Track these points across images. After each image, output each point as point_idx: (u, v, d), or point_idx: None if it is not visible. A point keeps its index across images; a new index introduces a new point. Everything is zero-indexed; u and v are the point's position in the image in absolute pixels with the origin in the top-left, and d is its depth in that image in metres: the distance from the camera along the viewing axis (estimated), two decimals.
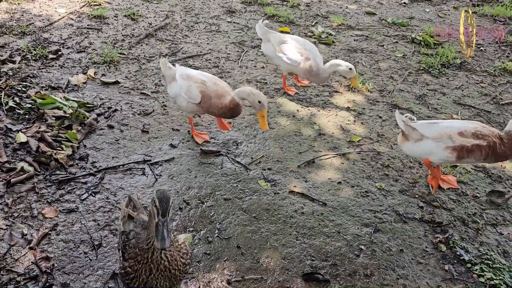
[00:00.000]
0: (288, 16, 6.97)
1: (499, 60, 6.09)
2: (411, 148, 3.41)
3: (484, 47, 6.48)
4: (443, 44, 6.44)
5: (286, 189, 3.45)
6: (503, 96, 5.16)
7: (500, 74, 5.68)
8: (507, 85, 5.44)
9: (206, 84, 3.64)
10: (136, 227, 2.31)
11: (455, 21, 7.49)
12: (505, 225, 3.29)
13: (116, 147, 3.77)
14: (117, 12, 6.67)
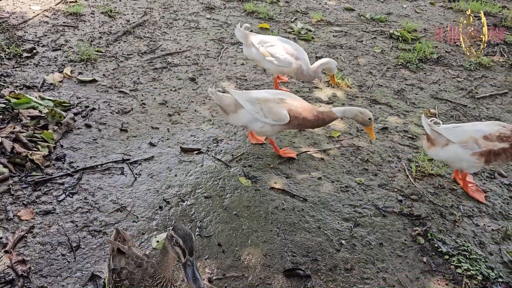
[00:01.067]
0: (268, 12, 6.96)
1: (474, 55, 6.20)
2: (438, 153, 3.38)
3: (459, 42, 6.59)
4: (420, 39, 6.53)
5: (267, 186, 3.45)
6: (479, 90, 5.26)
7: (476, 69, 5.79)
8: (482, 79, 5.55)
9: (286, 101, 3.47)
10: (129, 264, 2.14)
11: (432, 17, 7.60)
12: (481, 216, 3.37)
13: (94, 147, 3.71)
14: (93, 9, 6.55)
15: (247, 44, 4.55)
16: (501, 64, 6.00)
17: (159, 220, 3.03)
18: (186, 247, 1.84)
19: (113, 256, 2.22)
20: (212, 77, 5.03)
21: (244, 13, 7.04)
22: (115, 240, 2.31)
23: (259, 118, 3.43)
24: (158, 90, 4.66)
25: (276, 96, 3.49)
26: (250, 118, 3.46)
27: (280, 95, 3.51)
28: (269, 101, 3.44)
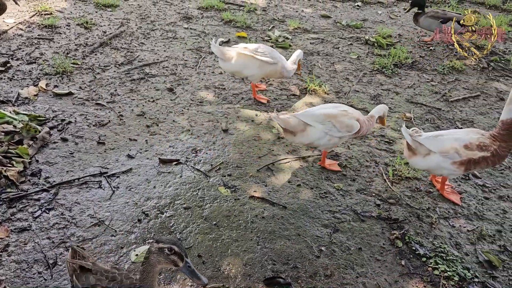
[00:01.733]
0: (245, 21, 7.01)
1: (448, 59, 6.36)
2: (419, 162, 3.42)
3: (433, 47, 6.75)
4: (395, 44, 6.66)
5: (247, 195, 3.46)
6: (452, 93, 5.39)
7: (449, 72, 5.93)
8: (455, 82, 5.69)
9: (349, 111, 3.62)
10: (100, 280, 2.10)
11: (406, 22, 7.77)
12: (457, 218, 3.44)
13: (71, 161, 3.66)
14: (69, 21, 6.50)
15: (225, 59, 4.54)
16: (473, 67, 6.16)
17: (138, 233, 3.01)
18: (182, 251, 1.93)
19: (77, 276, 2.16)
20: (190, 87, 5.03)
21: (222, 22, 7.08)
22: (73, 258, 2.26)
23: (333, 134, 3.54)
24: (135, 101, 4.64)
25: (339, 109, 3.63)
26: (321, 134, 3.55)
27: (340, 108, 3.67)
28: (338, 116, 3.56)
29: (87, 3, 7.33)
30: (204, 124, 4.34)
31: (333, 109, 3.63)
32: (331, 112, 3.58)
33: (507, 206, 3.61)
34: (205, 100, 4.79)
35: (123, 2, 7.56)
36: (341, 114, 3.58)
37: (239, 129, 4.31)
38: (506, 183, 3.89)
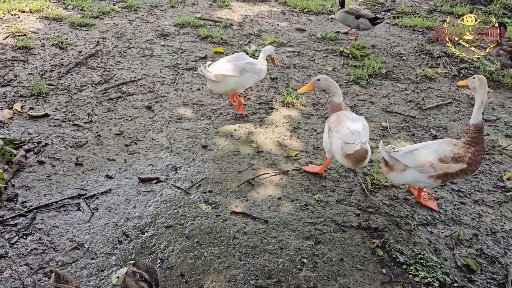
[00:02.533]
0: (221, 36, 7.08)
1: (420, 67, 6.54)
2: (397, 178, 3.47)
3: (405, 57, 6.93)
4: (369, 55, 6.82)
5: (228, 210, 3.47)
6: (426, 101, 5.54)
7: (422, 81, 6.10)
8: (428, 90, 5.84)
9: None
10: None
11: (379, 33, 7.96)
12: (435, 224, 3.51)
13: (48, 184, 3.61)
14: (44, 41, 6.45)
15: (219, 80, 4.50)
16: (444, 75, 6.35)
17: (119, 255, 2.98)
18: (152, 280, 1.88)
19: None
20: (168, 104, 5.04)
21: (198, 38, 7.13)
22: (56, 282, 2.24)
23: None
24: (113, 120, 4.62)
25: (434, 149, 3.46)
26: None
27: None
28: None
29: (62, 23, 7.29)
30: (183, 141, 4.34)
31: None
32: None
33: (482, 210, 3.71)
34: (184, 116, 4.80)
35: (99, 21, 7.55)
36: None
37: (218, 145, 4.33)
38: (480, 187, 4.00)
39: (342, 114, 3.71)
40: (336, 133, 3.57)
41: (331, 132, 3.62)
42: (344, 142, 3.48)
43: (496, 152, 4.56)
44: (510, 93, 5.94)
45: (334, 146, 3.59)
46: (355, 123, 3.60)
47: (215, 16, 8.36)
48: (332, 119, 3.73)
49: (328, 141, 3.69)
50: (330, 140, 3.64)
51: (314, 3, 9.30)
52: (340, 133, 3.55)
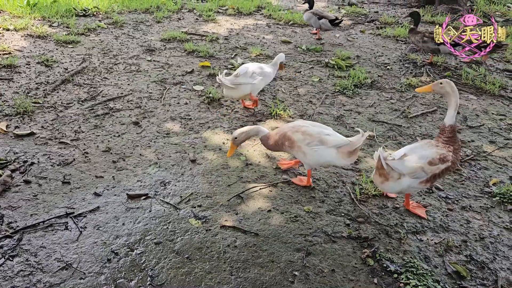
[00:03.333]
0: (208, 50, 7.12)
1: (404, 76, 6.64)
2: (394, 187, 3.47)
3: (390, 66, 7.04)
4: (354, 66, 6.91)
5: (218, 224, 3.46)
6: (411, 109, 5.61)
7: (406, 90, 6.19)
8: (413, 99, 5.93)
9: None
10: None
11: (363, 44, 8.09)
12: (424, 231, 3.54)
13: (35, 203, 3.56)
14: (29, 59, 6.41)
15: (236, 84, 4.98)
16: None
17: (108, 274, 2.94)
18: None
19: None
20: (156, 119, 5.03)
21: (185, 52, 7.16)
22: None
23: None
24: (100, 137, 4.59)
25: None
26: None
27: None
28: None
29: (47, 40, 7.27)
30: (171, 156, 4.33)
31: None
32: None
33: (470, 216, 3.75)
34: (172, 131, 4.79)
35: (85, 38, 7.54)
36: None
37: (207, 159, 4.33)
38: (467, 193, 4.05)
39: (298, 127, 3.75)
40: (322, 144, 3.64)
41: (311, 147, 3.66)
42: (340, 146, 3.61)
43: (481, 158, 4.63)
44: (492, 100, 6.05)
45: (327, 155, 3.67)
46: (317, 127, 3.77)
47: (201, 30, 8.42)
48: (296, 136, 3.70)
49: (316, 157, 3.70)
50: (317, 153, 3.67)
51: (298, 16, 9.43)
52: (328, 142, 3.64)
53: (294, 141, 3.70)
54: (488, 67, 7.22)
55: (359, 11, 10.36)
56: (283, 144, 3.76)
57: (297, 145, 3.69)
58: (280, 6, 10.57)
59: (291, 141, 3.71)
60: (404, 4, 11.46)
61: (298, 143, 3.69)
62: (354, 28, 9.11)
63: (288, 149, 3.79)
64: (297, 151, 3.72)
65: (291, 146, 3.73)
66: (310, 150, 3.68)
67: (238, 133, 3.78)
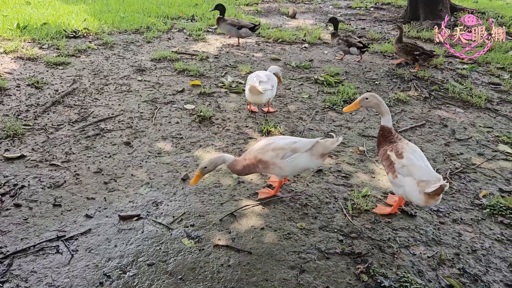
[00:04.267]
0: (198, 69, 7.18)
1: (392, 91, 6.74)
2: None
3: (378, 81, 7.15)
4: (343, 82, 7.00)
5: (211, 244, 3.44)
6: (400, 124, 5.68)
7: (395, 104, 6.28)
8: (402, 113, 6.01)
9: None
10: None
11: (351, 60, 8.21)
12: (417, 245, 3.56)
13: (25, 227, 3.52)
14: (19, 82, 6.41)
15: (263, 93, 5.33)
16: (416, 97, 6.56)
17: None
18: None
19: None
20: (147, 139, 5.03)
21: (175, 72, 7.21)
22: None
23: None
24: (92, 158, 4.58)
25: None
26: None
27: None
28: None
29: (38, 62, 7.29)
30: (163, 176, 4.32)
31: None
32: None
33: (461, 228, 3.78)
34: (163, 151, 4.80)
35: (75, 59, 7.57)
36: None
37: None
38: (458, 206, 4.09)
39: (266, 147, 3.77)
40: (295, 153, 3.73)
41: (286, 159, 3.72)
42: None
43: (470, 170, 4.69)
44: (479, 112, 6.16)
45: (303, 161, 3.76)
46: (282, 139, 3.84)
47: (191, 49, 8.50)
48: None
49: (293, 166, 3.77)
50: (294, 163, 3.74)
51: (287, 33, 9.57)
52: (300, 149, 3.74)
53: (268, 161, 3.72)
54: (474, 80, 7.37)
55: (346, 27, 10.54)
56: (256, 167, 3.77)
57: (272, 162, 3.72)
58: (269, 24, 10.73)
59: (264, 162, 3.73)
60: (390, 21, 11.70)
61: (272, 161, 3.72)
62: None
63: (263, 171, 3.82)
64: (273, 168, 3.76)
65: (266, 167, 3.75)
66: (286, 162, 3.73)
67: (207, 163, 3.67)
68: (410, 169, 3.50)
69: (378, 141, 3.89)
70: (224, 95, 6.37)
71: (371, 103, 3.81)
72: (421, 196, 3.40)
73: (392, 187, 3.76)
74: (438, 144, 5.20)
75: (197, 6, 12.15)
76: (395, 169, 3.59)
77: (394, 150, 3.67)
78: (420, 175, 3.45)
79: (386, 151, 3.73)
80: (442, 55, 8.46)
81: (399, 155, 3.60)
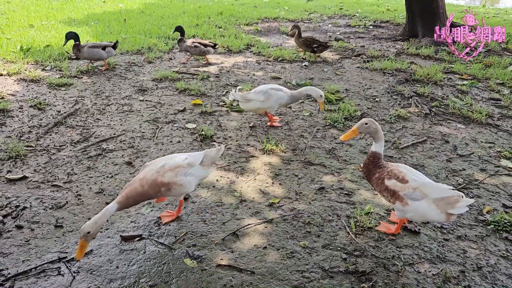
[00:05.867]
0: (199, 88, 7.24)
1: (393, 108, 6.77)
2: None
3: (378, 98, 7.18)
4: (343, 99, 7.04)
5: (213, 264, 3.41)
6: (401, 140, 5.69)
7: (396, 121, 6.29)
8: (402, 130, 6.03)
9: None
10: None
11: (351, 77, 8.27)
12: (421, 263, 3.52)
13: (27, 249, 3.50)
14: (22, 103, 6.47)
15: (246, 101, 5.67)
16: (417, 114, 6.58)
17: None
18: None
19: None
20: (149, 158, 5.04)
21: (177, 91, 7.27)
22: None
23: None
24: (93, 178, 4.58)
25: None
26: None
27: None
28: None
29: (40, 84, 7.36)
30: None
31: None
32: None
33: (466, 245, 3.74)
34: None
35: (77, 80, 7.65)
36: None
37: (200, 196, 4.32)
38: (462, 222, 4.06)
39: (161, 169, 3.58)
40: (191, 167, 3.70)
41: (186, 175, 3.67)
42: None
43: (473, 186, 4.67)
44: (480, 128, 6.16)
45: (199, 173, 3.77)
46: (172, 157, 3.79)
47: (192, 69, 8.58)
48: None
49: (192, 181, 3.72)
50: (193, 178, 3.72)
51: (287, 52, 9.68)
52: (194, 163, 3.73)
53: (169, 182, 3.55)
54: (474, 96, 7.40)
55: (346, 45, 10.66)
56: (157, 192, 3.54)
57: (173, 182, 3.56)
58: (269, 43, 10.85)
59: (166, 183, 3.54)
60: (388, 38, 11.82)
61: (173, 180, 3.56)
62: (341, 63, 9.34)
63: (166, 193, 3.60)
64: (175, 188, 3.59)
65: (169, 188, 3.57)
66: (186, 178, 3.64)
67: (91, 226, 3.13)
68: (423, 190, 3.40)
69: (367, 168, 3.71)
70: (225, 114, 6.40)
71: (370, 128, 3.68)
72: (443, 214, 3.34)
73: (398, 213, 3.61)
74: (440, 160, 5.19)
75: (198, 27, 12.32)
76: (402, 197, 3.46)
77: (393, 177, 3.51)
78: (436, 193, 3.38)
79: (383, 181, 3.55)
80: (442, 71, 8.52)
81: (402, 180, 3.46)
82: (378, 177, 3.63)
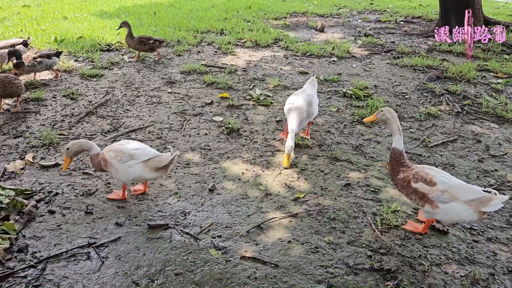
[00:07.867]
0: (227, 82, 7.27)
1: (423, 105, 6.62)
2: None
3: (408, 95, 7.04)
4: (372, 95, 6.94)
5: (238, 255, 3.44)
6: (431, 139, 5.57)
7: (426, 119, 6.16)
8: (432, 128, 5.89)
9: None
10: None
11: (380, 74, 8.14)
12: (449, 264, 3.45)
13: (58, 233, 3.62)
14: (55, 93, 6.66)
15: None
16: (448, 112, 6.42)
17: None
18: None
19: None
20: (176, 149, 5.11)
21: (204, 84, 7.33)
22: None
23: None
24: None
25: None
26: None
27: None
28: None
29: (73, 74, 7.56)
30: (191, 186, 4.37)
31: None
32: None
33: (497, 247, 3.64)
34: (192, 161, 4.86)
35: (108, 71, 7.81)
36: None
37: (226, 189, 4.35)
38: (492, 224, 3.95)
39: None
40: (132, 159, 3.83)
41: (122, 163, 3.83)
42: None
43: (506, 188, 4.53)
44: None
45: (136, 170, 3.85)
46: (131, 144, 3.98)
47: (220, 62, 8.63)
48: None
49: (127, 172, 3.86)
50: (130, 169, 3.84)
51: (315, 47, 9.59)
52: (136, 157, 3.85)
53: (106, 159, 3.88)
54: (509, 95, 7.16)
55: (376, 41, 10.47)
56: (100, 164, 3.94)
57: (109, 162, 3.87)
58: (297, 38, 10.78)
59: (104, 160, 3.89)
60: (420, 34, 11.55)
61: (110, 161, 3.86)
62: (370, 58, 9.19)
63: (105, 168, 3.94)
64: (111, 169, 3.90)
65: (106, 166, 3.91)
66: (121, 166, 3.84)
67: (71, 144, 3.91)
68: (452, 192, 3.34)
69: (391, 166, 3.69)
70: (252, 108, 6.41)
71: (384, 116, 3.73)
72: (476, 214, 3.30)
73: (425, 215, 3.56)
74: (471, 160, 5.05)
75: (226, 20, 12.36)
76: (432, 200, 3.39)
77: (420, 180, 3.45)
78: (466, 195, 3.32)
79: (409, 183, 3.49)
80: (475, 69, 8.27)
81: (430, 183, 3.40)
82: (403, 179, 3.57)
